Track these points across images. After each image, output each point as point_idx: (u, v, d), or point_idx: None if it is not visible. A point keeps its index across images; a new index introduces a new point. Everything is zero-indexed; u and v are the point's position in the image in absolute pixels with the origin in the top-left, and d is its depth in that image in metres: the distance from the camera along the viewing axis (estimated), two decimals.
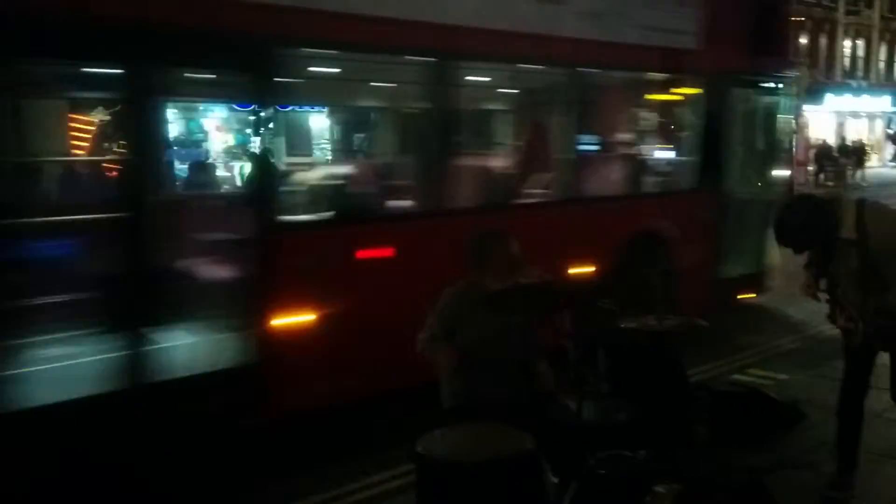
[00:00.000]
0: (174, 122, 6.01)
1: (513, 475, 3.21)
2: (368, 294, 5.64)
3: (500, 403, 3.68)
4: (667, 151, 9.23)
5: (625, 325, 4.34)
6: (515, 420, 3.47)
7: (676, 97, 8.87)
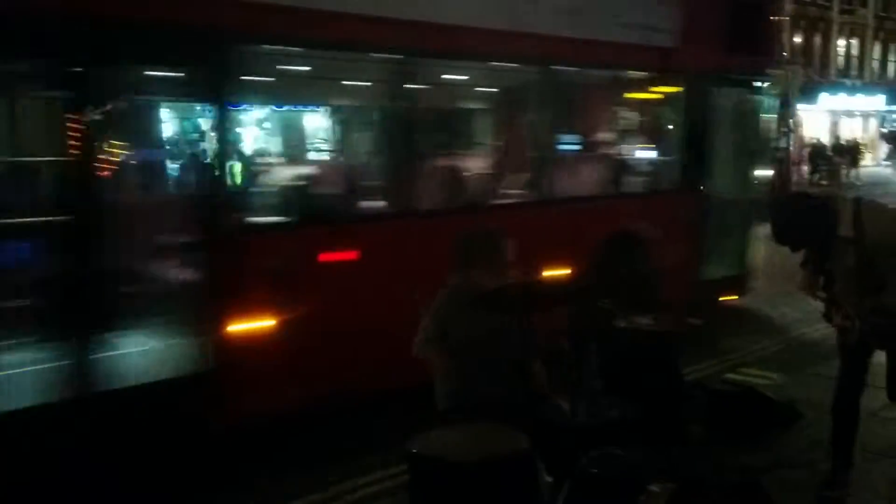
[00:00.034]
0: (125, 122, 5.80)
1: (507, 475, 3.20)
2: (332, 298, 5.49)
3: (495, 403, 3.66)
4: (646, 151, 9.08)
5: (622, 325, 4.34)
6: (510, 420, 3.45)
7: (656, 96, 8.74)
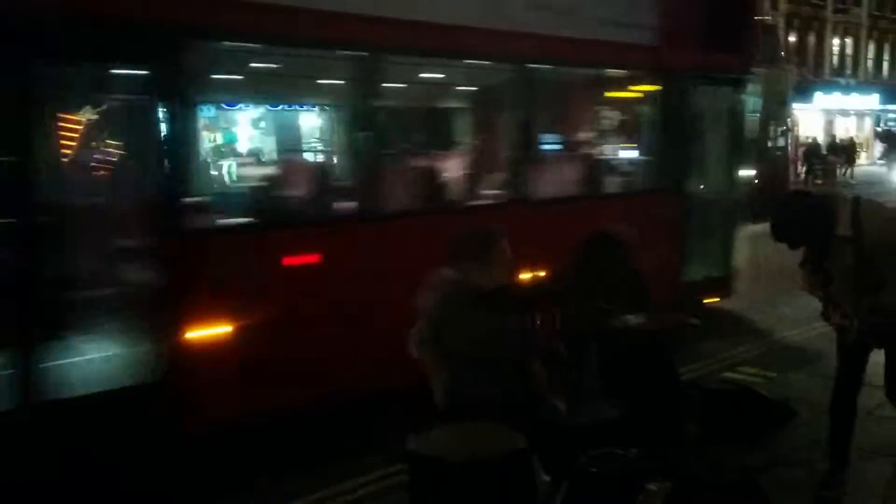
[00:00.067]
0: (76, 122, 5.58)
1: (504, 474, 3.20)
2: (298, 302, 5.35)
3: (494, 403, 3.64)
4: (627, 151, 8.91)
5: (619, 324, 4.33)
6: (509, 420, 3.44)
7: (636, 95, 8.57)
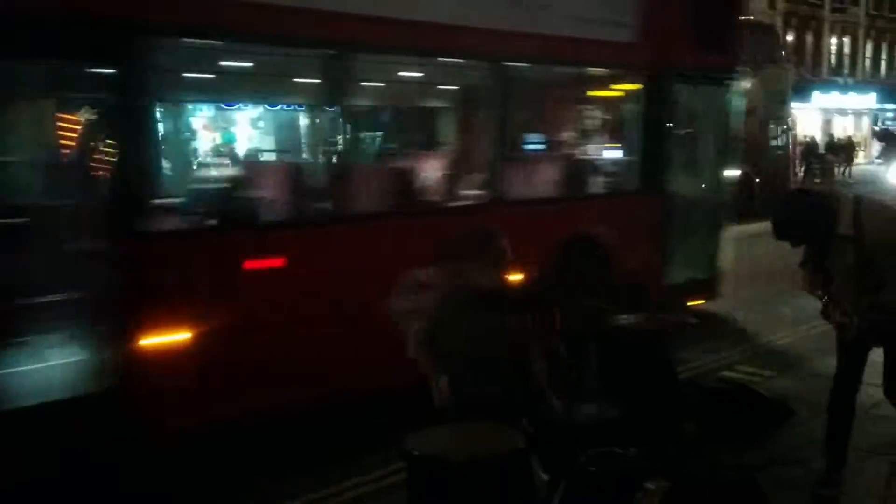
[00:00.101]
0: (19, 121, 5.28)
1: (503, 473, 3.21)
2: (260, 307, 5.18)
3: (494, 403, 3.64)
4: (606, 151, 8.72)
5: (617, 324, 4.33)
6: (508, 419, 3.44)
7: (616, 93, 8.39)
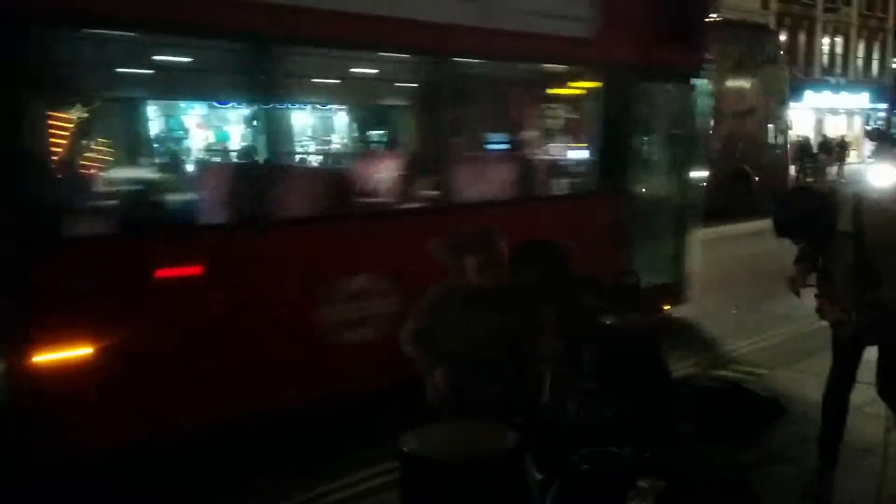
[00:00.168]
0: None
1: (496, 472, 3.20)
2: (173, 320, 4.86)
3: (494, 403, 3.64)
4: (564, 150, 8.46)
5: (609, 322, 4.35)
6: (507, 419, 3.44)
7: (573, 91, 8.09)
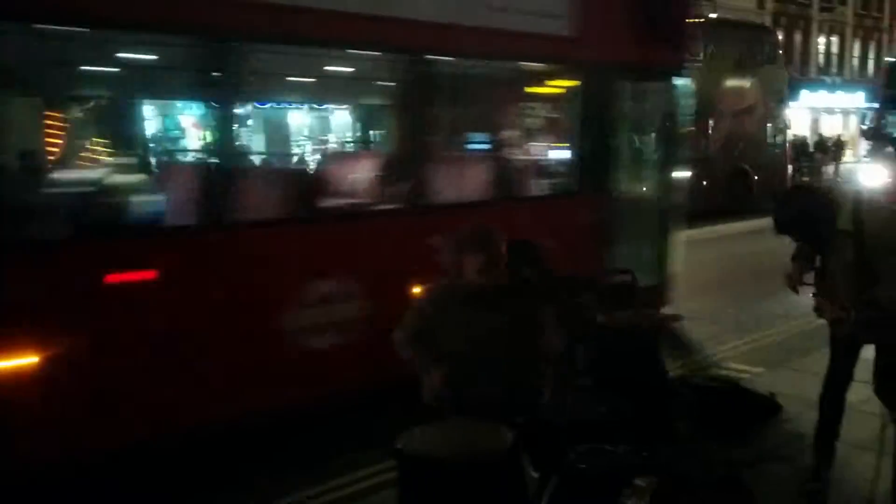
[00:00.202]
0: None
1: (493, 471, 3.21)
2: (124, 327, 4.67)
3: (494, 403, 3.63)
4: (542, 150, 8.38)
5: (604, 321, 4.36)
6: (507, 419, 3.43)
7: (552, 90, 8.01)
